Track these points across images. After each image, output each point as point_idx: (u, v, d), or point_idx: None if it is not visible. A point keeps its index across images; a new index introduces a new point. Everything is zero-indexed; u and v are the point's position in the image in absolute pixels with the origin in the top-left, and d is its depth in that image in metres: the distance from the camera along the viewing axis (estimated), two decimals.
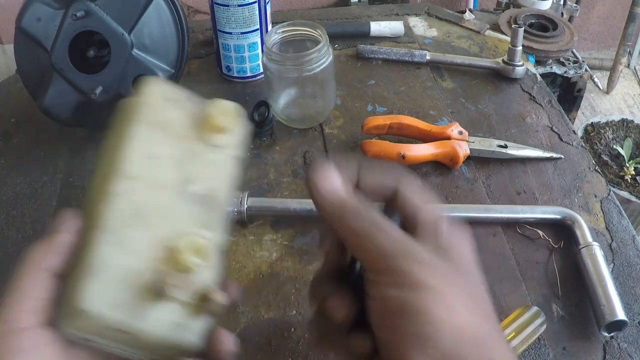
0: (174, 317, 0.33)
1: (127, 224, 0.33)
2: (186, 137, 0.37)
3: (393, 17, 0.97)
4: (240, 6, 0.75)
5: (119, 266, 0.32)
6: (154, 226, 0.34)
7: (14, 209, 0.64)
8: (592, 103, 2.15)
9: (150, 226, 0.33)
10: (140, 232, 0.33)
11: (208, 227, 0.35)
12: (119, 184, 0.33)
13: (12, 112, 0.77)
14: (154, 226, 0.34)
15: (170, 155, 0.36)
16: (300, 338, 0.51)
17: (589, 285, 0.54)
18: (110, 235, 0.32)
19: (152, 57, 0.67)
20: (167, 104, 0.37)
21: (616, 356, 0.50)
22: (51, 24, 0.62)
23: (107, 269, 0.31)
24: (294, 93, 0.73)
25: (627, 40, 2.03)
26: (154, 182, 0.34)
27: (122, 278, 0.31)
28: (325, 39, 0.67)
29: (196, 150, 0.37)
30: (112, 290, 0.31)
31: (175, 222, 0.34)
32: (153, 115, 0.36)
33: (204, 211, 0.36)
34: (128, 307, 0.31)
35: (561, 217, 0.61)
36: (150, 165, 0.35)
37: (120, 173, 0.34)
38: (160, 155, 0.35)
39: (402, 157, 0.65)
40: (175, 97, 0.38)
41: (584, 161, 0.69)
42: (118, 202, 0.33)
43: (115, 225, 0.32)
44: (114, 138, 0.37)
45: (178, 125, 0.37)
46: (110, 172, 0.34)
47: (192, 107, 0.38)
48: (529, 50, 0.95)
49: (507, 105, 0.78)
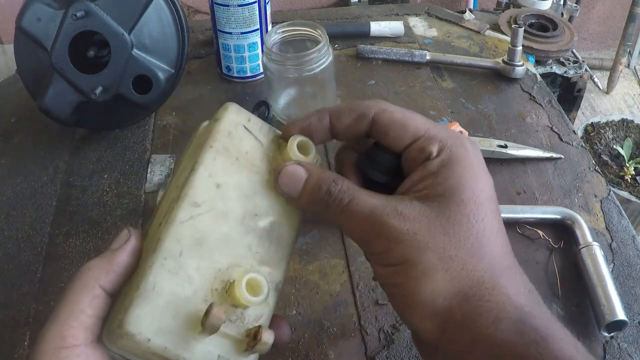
0: (220, 351, 0.32)
1: (186, 251, 0.32)
2: (259, 169, 0.36)
3: (393, 17, 0.97)
4: (240, 6, 0.75)
5: (172, 293, 0.31)
6: (213, 256, 0.33)
7: (14, 209, 0.64)
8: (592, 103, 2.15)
9: (210, 256, 0.33)
10: (198, 261, 0.32)
11: (268, 264, 0.35)
12: (184, 211, 0.33)
13: (12, 112, 0.77)
14: (214, 256, 0.33)
15: (240, 186, 0.35)
16: (300, 338, 0.51)
17: (589, 285, 0.54)
18: (168, 261, 0.31)
19: (152, 57, 0.67)
20: (243, 133, 0.36)
21: (616, 356, 0.50)
22: (51, 24, 0.62)
23: (159, 294, 0.31)
24: (294, 93, 0.73)
25: (627, 40, 2.03)
26: (220, 212, 0.34)
27: (173, 305, 0.31)
28: (325, 39, 0.67)
29: (267, 184, 0.36)
30: (161, 316, 0.30)
31: (236, 254, 0.34)
32: (228, 143, 0.35)
33: (266, 247, 0.35)
34: (175, 335, 0.31)
35: (561, 217, 0.61)
36: (219, 194, 0.34)
37: (187, 199, 0.33)
38: (230, 185, 0.35)
39: None
40: (252, 126, 0.37)
41: (584, 161, 0.69)
42: (181, 229, 0.32)
43: (175, 252, 0.32)
44: (187, 160, 0.36)
45: (251, 156, 0.36)
46: (178, 197, 0.33)
47: (268, 139, 0.37)
48: (529, 50, 0.95)
49: (507, 105, 0.78)
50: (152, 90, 0.67)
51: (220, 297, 0.32)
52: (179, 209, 0.33)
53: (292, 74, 0.68)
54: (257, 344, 0.32)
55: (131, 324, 0.30)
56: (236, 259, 0.34)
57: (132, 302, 0.30)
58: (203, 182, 0.34)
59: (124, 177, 0.67)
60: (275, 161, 0.37)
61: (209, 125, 0.36)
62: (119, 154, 0.70)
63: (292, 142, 0.36)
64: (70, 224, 0.62)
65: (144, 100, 0.67)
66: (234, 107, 0.37)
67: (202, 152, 0.34)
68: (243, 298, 0.32)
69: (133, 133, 0.73)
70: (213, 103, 0.78)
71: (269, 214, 0.36)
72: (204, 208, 0.33)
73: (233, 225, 0.34)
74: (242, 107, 0.37)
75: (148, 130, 0.74)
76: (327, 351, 0.50)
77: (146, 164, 0.69)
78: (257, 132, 0.37)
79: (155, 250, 0.32)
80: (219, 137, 0.35)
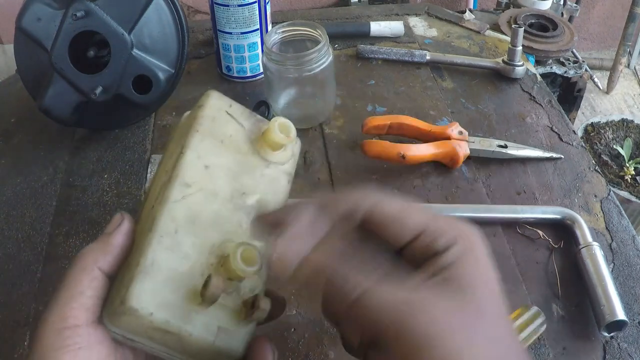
0: (220, 322, 0.33)
1: (182, 229, 0.33)
2: (243, 151, 0.38)
3: (393, 17, 0.97)
4: (240, 6, 0.75)
5: (170, 269, 0.32)
6: (207, 233, 0.34)
7: (14, 209, 0.64)
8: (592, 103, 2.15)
9: (204, 233, 0.34)
10: (193, 238, 0.34)
11: (258, 239, 0.36)
12: (176, 191, 0.34)
13: (12, 112, 0.77)
14: (207, 233, 0.34)
15: (227, 167, 0.37)
16: (300, 338, 0.51)
17: (589, 285, 0.54)
18: (165, 239, 0.33)
19: (152, 57, 0.67)
20: (226, 117, 0.38)
21: (616, 356, 0.50)
22: (51, 24, 0.62)
23: (158, 270, 0.32)
24: (294, 93, 0.73)
25: (627, 40, 2.03)
26: (210, 191, 0.35)
27: (172, 280, 0.32)
28: (325, 39, 0.67)
29: (252, 165, 0.38)
30: (162, 291, 0.32)
31: (228, 230, 0.35)
32: (213, 127, 0.37)
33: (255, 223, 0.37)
34: (176, 308, 0.32)
35: (561, 217, 0.61)
36: (207, 174, 0.36)
37: (178, 180, 0.34)
38: (218, 166, 0.36)
39: (402, 157, 0.65)
40: (235, 112, 0.39)
41: (584, 161, 0.69)
42: (174, 208, 0.34)
43: (170, 230, 0.33)
44: (173, 147, 0.38)
45: (236, 139, 0.38)
46: (169, 179, 0.35)
47: (250, 123, 0.39)
48: (529, 50, 0.95)
49: (507, 105, 0.78)
50: (152, 90, 0.67)
51: (216, 271, 0.34)
52: (171, 189, 0.34)
53: (292, 74, 0.68)
54: (256, 311, 0.33)
55: (133, 300, 0.31)
56: (228, 235, 0.35)
57: (132, 278, 0.31)
58: (192, 163, 0.35)
59: (124, 177, 0.67)
60: (258, 143, 0.38)
61: (193, 112, 0.38)
62: (119, 154, 0.70)
63: (274, 124, 0.38)
64: (70, 224, 0.62)
65: (144, 100, 0.67)
66: (216, 94, 0.39)
67: (189, 136, 0.36)
68: (239, 269, 0.33)
69: (133, 133, 0.73)
70: None
71: (255, 191, 0.37)
72: (194, 188, 0.35)
73: (223, 204, 0.36)
74: (222, 94, 0.39)
75: (148, 130, 0.74)
76: (327, 351, 0.50)
77: (146, 164, 0.69)
78: (239, 116, 0.39)
79: (151, 229, 0.33)
80: (204, 122, 0.37)
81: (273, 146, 0.38)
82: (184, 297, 0.32)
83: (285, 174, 0.40)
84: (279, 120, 0.38)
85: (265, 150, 0.39)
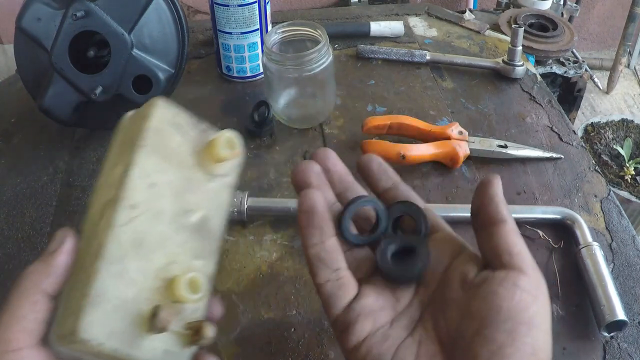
0: (166, 345, 0.34)
1: (128, 255, 0.33)
2: (188, 164, 0.37)
3: (393, 17, 0.97)
4: (240, 6, 0.75)
5: (118, 297, 0.32)
6: (152, 255, 0.34)
7: (14, 209, 0.64)
8: (592, 103, 2.15)
9: (149, 256, 0.34)
10: (139, 263, 0.34)
11: (201, 256, 0.37)
12: (122, 214, 0.33)
13: (12, 112, 0.77)
14: (153, 255, 0.34)
15: (171, 184, 0.36)
16: (300, 338, 0.51)
17: (589, 285, 0.54)
18: (112, 266, 0.32)
19: (152, 57, 0.67)
20: (172, 129, 0.37)
21: (616, 356, 0.50)
22: (51, 24, 0.62)
23: (107, 299, 0.32)
24: (294, 93, 0.73)
25: (627, 40, 2.03)
26: (156, 211, 0.35)
27: (121, 308, 0.32)
28: (325, 39, 0.67)
29: (195, 179, 0.38)
30: (111, 320, 0.32)
31: (172, 251, 0.35)
32: (158, 141, 0.36)
33: (198, 240, 0.37)
34: (125, 335, 0.32)
35: (561, 217, 0.61)
36: (153, 194, 0.35)
37: (124, 202, 0.34)
38: (163, 183, 0.36)
39: (402, 157, 0.65)
40: (180, 122, 0.38)
41: (584, 161, 0.69)
42: (121, 233, 0.33)
43: (117, 256, 0.33)
44: (117, 154, 0.37)
45: (181, 151, 0.37)
46: (114, 201, 0.34)
47: (196, 133, 0.38)
48: (529, 50, 0.95)
49: (507, 105, 0.78)
50: (152, 90, 0.67)
51: (162, 294, 0.34)
52: (117, 212, 0.33)
53: (292, 74, 0.68)
54: (200, 338, 0.34)
55: (84, 331, 0.31)
56: (173, 256, 0.35)
57: (82, 309, 0.31)
58: (138, 183, 0.34)
59: None
60: (203, 155, 0.38)
61: (138, 123, 0.37)
62: None
63: (219, 138, 0.37)
64: (70, 224, 0.62)
65: (144, 100, 0.66)
66: (161, 102, 0.37)
67: (134, 152, 0.35)
68: (185, 297, 0.33)
69: None
70: (213, 103, 0.78)
71: (199, 208, 0.37)
72: (140, 209, 0.34)
73: (168, 224, 0.35)
74: (168, 102, 0.38)
75: None
76: (327, 351, 0.50)
77: None
78: (184, 126, 0.38)
79: (98, 256, 0.32)
80: (149, 135, 0.36)
81: (217, 159, 0.38)
82: (132, 324, 0.33)
83: (228, 186, 0.39)
84: (225, 135, 0.38)
85: (209, 163, 0.38)
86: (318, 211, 0.37)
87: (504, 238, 0.36)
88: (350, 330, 0.36)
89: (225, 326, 0.52)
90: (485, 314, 0.33)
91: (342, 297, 0.36)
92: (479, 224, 0.37)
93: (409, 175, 0.67)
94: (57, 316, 0.33)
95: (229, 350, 0.51)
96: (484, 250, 0.37)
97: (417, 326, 0.36)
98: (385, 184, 0.42)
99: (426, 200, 0.64)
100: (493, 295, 0.33)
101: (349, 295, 0.37)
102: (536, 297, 0.33)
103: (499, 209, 0.37)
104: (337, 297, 0.36)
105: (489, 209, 0.37)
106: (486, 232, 0.36)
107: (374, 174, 0.42)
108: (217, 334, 0.51)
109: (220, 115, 0.75)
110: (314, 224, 0.37)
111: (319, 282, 0.37)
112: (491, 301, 0.33)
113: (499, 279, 0.34)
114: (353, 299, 0.37)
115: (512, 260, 0.35)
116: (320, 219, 0.37)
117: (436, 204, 0.63)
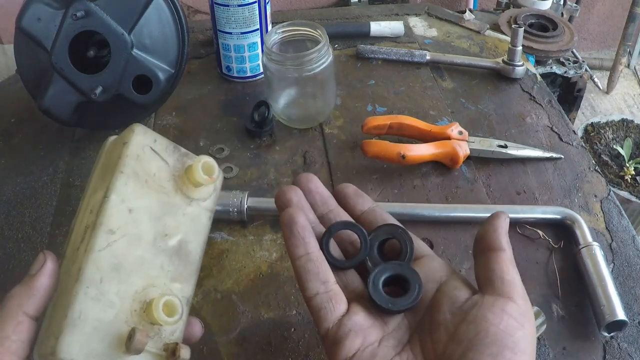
0: None
1: (106, 278, 0.34)
2: (167, 189, 0.39)
3: (393, 17, 0.97)
4: (240, 6, 0.75)
5: (96, 319, 0.33)
6: (130, 279, 0.35)
7: (14, 209, 0.64)
8: (592, 103, 2.15)
9: (127, 279, 0.35)
10: (117, 285, 0.35)
11: (179, 280, 0.38)
12: (101, 239, 0.35)
13: (12, 112, 0.77)
14: (131, 279, 0.35)
15: (150, 209, 0.37)
16: (300, 338, 0.51)
17: (589, 285, 0.54)
18: (90, 289, 0.33)
19: (152, 57, 0.67)
20: (150, 154, 0.38)
21: (616, 356, 0.50)
22: (51, 24, 0.62)
23: (85, 321, 0.33)
24: (294, 93, 0.73)
25: (627, 40, 2.03)
26: (134, 236, 0.36)
27: (99, 330, 0.33)
28: (325, 39, 0.67)
29: (174, 204, 0.39)
30: (89, 342, 0.33)
31: (150, 275, 0.36)
32: (137, 167, 0.37)
33: (177, 264, 0.38)
34: (102, 356, 0.33)
35: (561, 217, 0.61)
36: (131, 219, 0.36)
37: (103, 227, 0.35)
38: (142, 208, 0.37)
39: (402, 157, 0.65)
40: (159, 148, 0.39)
41: (584, 161, 0.69)
42: (99, 257, 0.34)
43: (95, 279, 0.34)
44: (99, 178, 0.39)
45: (160, 177, 0.38)
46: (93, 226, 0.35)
47: (174, 159, 0.40)
48: (529, 50, 0.95)
49: (507, 105, 0.78)
50: (152, 90, 0.67)
51: (139, 317, 0.35)
52: (96, 238, 0.34)
53: (292, 74, 0.68)
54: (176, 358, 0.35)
55: (63, 352, 0.32)
56: (151, 280, 0.36)
57: (61, 330, 0.32)
58: (116, 208, 0.36)
59: None
60: (181, 180, 0.39)
61: (119, 148, 0.38)
62: None
63: (197, 164, 0.39)
64: (70, 224, 0.62)
65: (144, 100, 0.67)
66: (140, 128, 0.39)
67: (113, 177, 0.36)
68: (161, 320, 0.34)
69: None
70: (213, 103, 0.78)
71: (177, 232, 0.38)
72: (118, 234, 0.35)
73: (146, 248, 0.36)
74: (147, 128, 0.39)
75: None
76: None
77: None
78: (163, 152, 0.39)
79: (77, 280, 0.33)
80: (129, 162, 0.37)
81: (195, 184, 0.39)
82: (110, 345, 0.33)
83: (207, 210, 0.41)
84: (203, 160, 0.39)
85: (187, 187, 0.39)
86: (298, 221, 0.38)
87: (499, 265, 0.37)
88: (340, 345, 0.36)
89: (225, 326, 0.52)
90: (472, 338, 0.34)
91: (332, 310, 0.37)
92: (479, 249, 0.39)
93: (409, 175, 0.67)
94: (40, 336, 0.34)
95: (229, 350, 0.51)
96: (479, 274, 0.38)
97: (404, 348, 0.37)
98: (362, 207, 0.44)
99: (426, 200, 0.64)
100: (481, 319, 0.34)
101: (340, 310, 0.38)
102: (522, 324, 0.34)
103: (500, 238, 0.38)
104: (328, 311, 0.37)
105: (491, 236, 0.38)
106: (484, 257, 0.38)
107: (351, 198, 0.44)
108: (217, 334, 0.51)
109: (220, 115, 0.75)
110: (296, 233, 0.38)
111: (309, 296, 0.38)
112: (479, 325, 0.34)
113: (488, 304, 0.35)
114: (344, 314, 0.38)
115: (503, 287, 0.36)
116: (301, 228, 0.38)
117: (436, 204, 0.64)
